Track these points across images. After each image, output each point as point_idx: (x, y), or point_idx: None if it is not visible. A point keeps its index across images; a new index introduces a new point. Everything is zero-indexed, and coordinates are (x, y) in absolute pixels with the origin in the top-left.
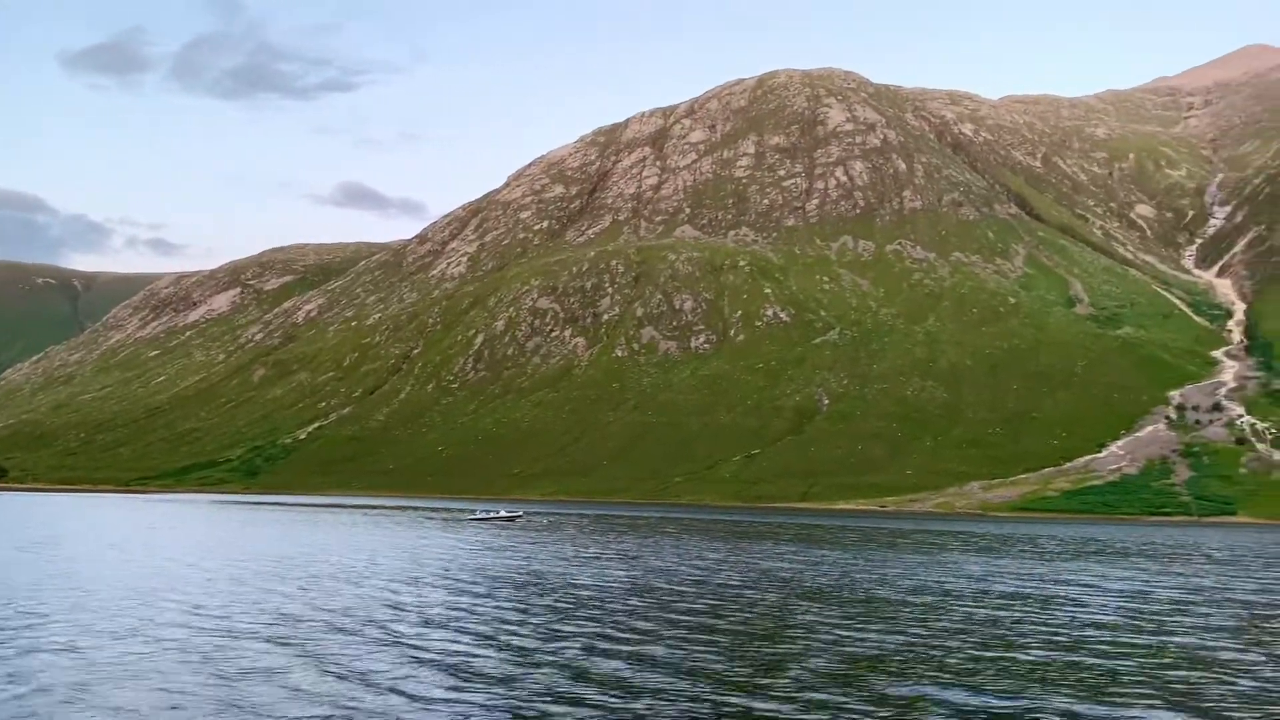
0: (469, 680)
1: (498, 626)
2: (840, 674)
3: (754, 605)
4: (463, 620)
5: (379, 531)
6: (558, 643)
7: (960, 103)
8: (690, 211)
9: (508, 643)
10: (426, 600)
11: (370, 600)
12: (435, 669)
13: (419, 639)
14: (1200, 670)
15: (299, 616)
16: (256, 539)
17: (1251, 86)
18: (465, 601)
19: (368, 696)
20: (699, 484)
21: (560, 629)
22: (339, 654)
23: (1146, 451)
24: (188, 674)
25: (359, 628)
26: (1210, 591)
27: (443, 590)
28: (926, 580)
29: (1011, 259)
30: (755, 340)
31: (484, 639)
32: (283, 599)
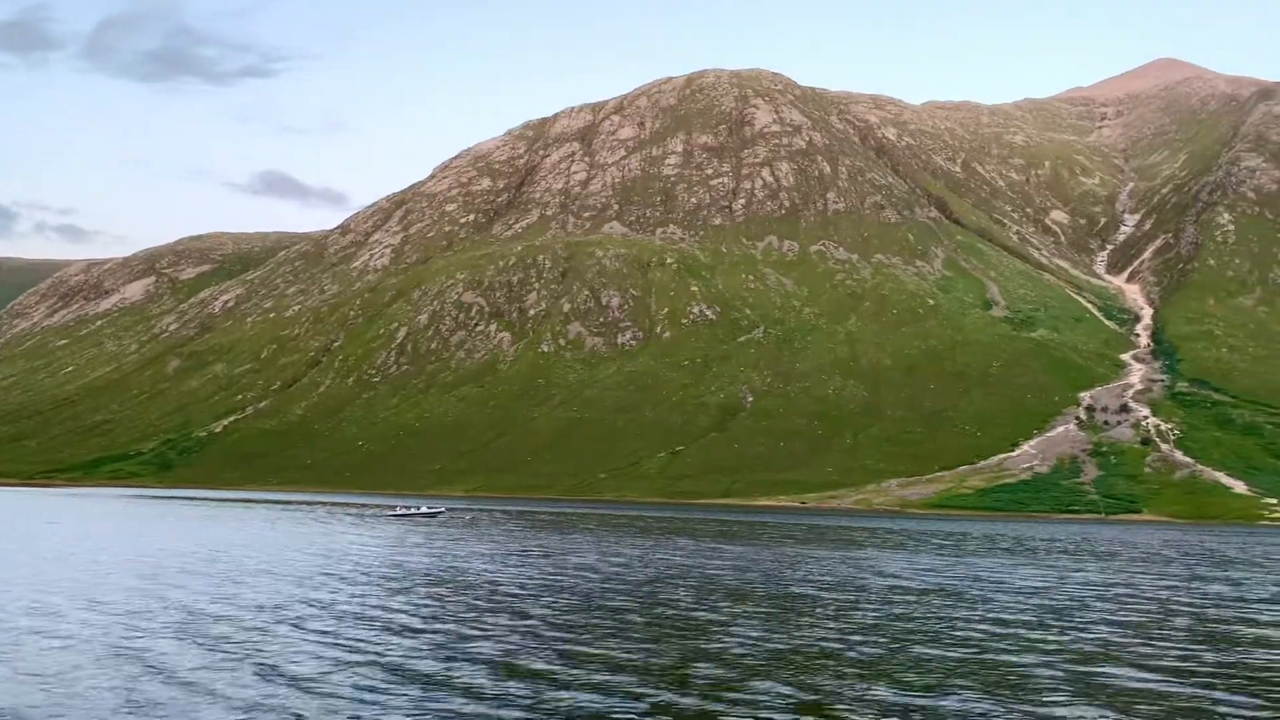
0: (375, 678)
1: (408, 624)
2: (743, 673)
3: (667, 603)
4: (373, 617)
5: (295, 527)
6: (467, 641)
7: (884, 107)
8: (619, 208)
9: (417, 640)
10: (338, 597)
11: (281, 597)
12: (344, 667)
13: (329, 637)
14: (1100, 665)
15: (206, 614)
16: (167, 534)
17: (1161, 99)
18: (378, 598)
19: (273, 695)
20: (624, 480)
21: (471, 626)
22: (248, 653)
23: (1057, 451)
24: (85, 675)
25: (268, 625)
26: (1115, 587)
27: (356, 587)
28: (840, 577)
29: (931, 261)
30: (681, 337)
31: (394, 636)
32: (188, 596)
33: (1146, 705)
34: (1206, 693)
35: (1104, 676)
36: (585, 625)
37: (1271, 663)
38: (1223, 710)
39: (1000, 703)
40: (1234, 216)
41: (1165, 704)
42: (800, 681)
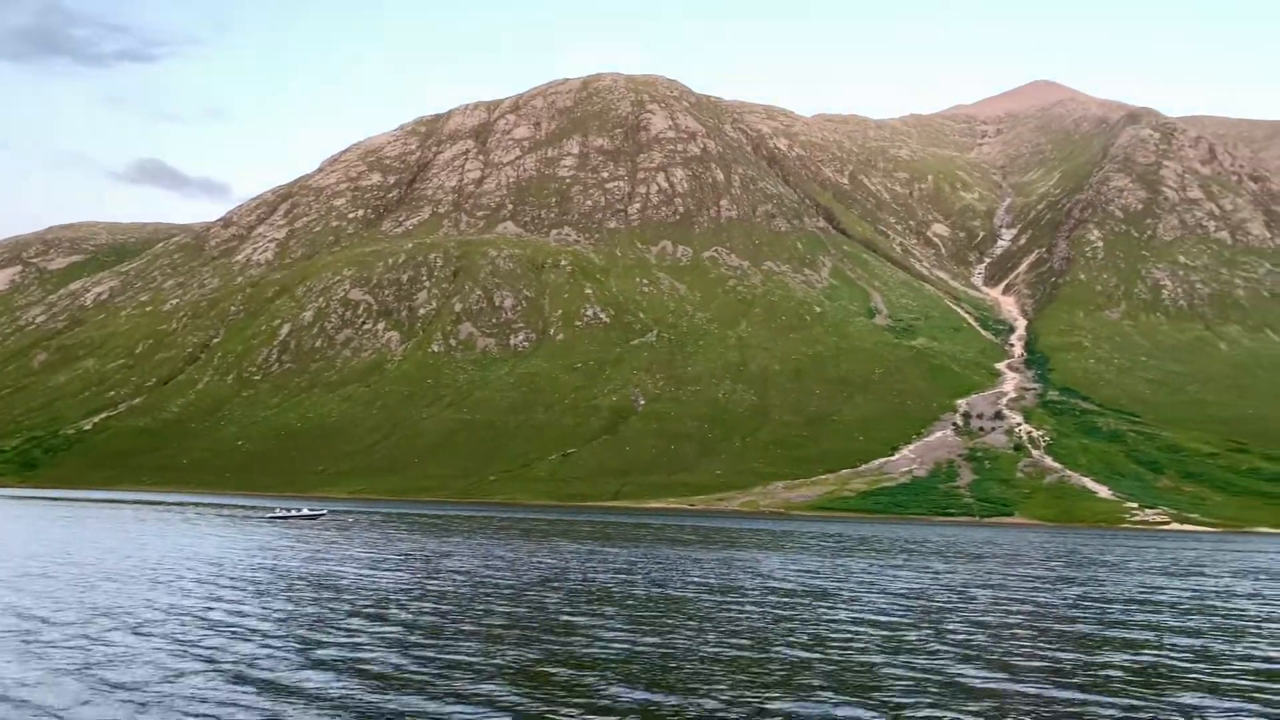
0: (210, 685)
1: (258, 628)
2: (597, 676)
3: (536, 606)
4: (221, 622)
5: (160, 529)
6: (317, 646)
7: (776, 118)
8: (513, 208)
9: (261, 645)
10: (188, 602)
11: (126, 602)
12: (208, 675)
13: (169, 643)
14: (957, 665)
15: (60, 621)
16: (18, 536)
17: (1037, 119)
18: (232, 603)
19: (128, 704)
20: (514, 483)
21: (325, 630)
22: (76, 662)
23: (935, 455)
24: None
25: (104, 632)
26: (981, 588)
27: (210, 591)
28: (716, 578)
29: (818, 270)
30: (575, 339)
31: (239, 641)
32: (26, 600)
33: (998, 705)
34: (1061, 693)
35: (960, 676)
36: (447, 630)
37: (1128, 663)
38: (1077, 709)
39: (855, 703)
40: (1103, 233)
41: (1020, 703)
42: (657, 684)
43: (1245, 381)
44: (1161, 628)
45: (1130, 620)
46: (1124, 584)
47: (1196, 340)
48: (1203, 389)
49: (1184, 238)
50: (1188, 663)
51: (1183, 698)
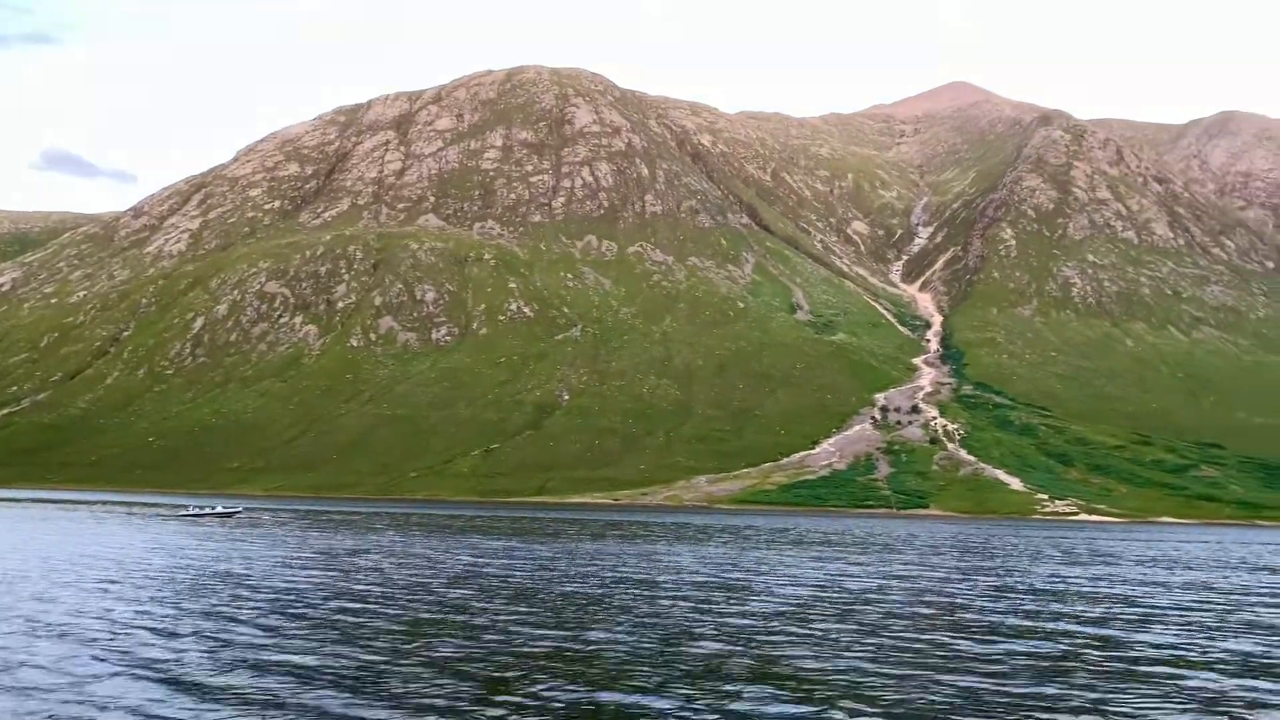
0: (135, 685)
1: (177, 629)
2: (497, 674)
3: (448, 603)
4: (139, 624)
5: (71, 528)
6: (237, 647)
7: (700, 114)
8: (435, 200)
9: (183, 646)
10: (107, 602)
11: (41, 604)
12: (106, 678)
13: (91, 645)
14: (866, 655)
15: None
16: None
17: (954, 120)
18: (149, 603)
19: (19, 711)
20: (435, 479)
21: (243, 631)
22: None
23: (854, 449)
24: None
25: (24, 634)
26: (894, 580)
27: (130, 591)
28: (632, 573)
29: (741, 266)
30: (498, 334)
31: (161, 642)
32: None
33: (904, 694)
34: (966, 682)
35: (866, 666)
36: (353, 629)
37: (1034, 650)
38: (983, 698)
39: (764, 696)
40: (1015, 232)
41: (927, 693)
42: (568, 680)
43: (1149, 376)
44: (1068, 616)
45: (1038, 610)
46: (1033, 574)
47: (1104, 336)
48: (1109, 384)
49: (1093, 237)
50: (1093, 650)
51: (1087, 685)
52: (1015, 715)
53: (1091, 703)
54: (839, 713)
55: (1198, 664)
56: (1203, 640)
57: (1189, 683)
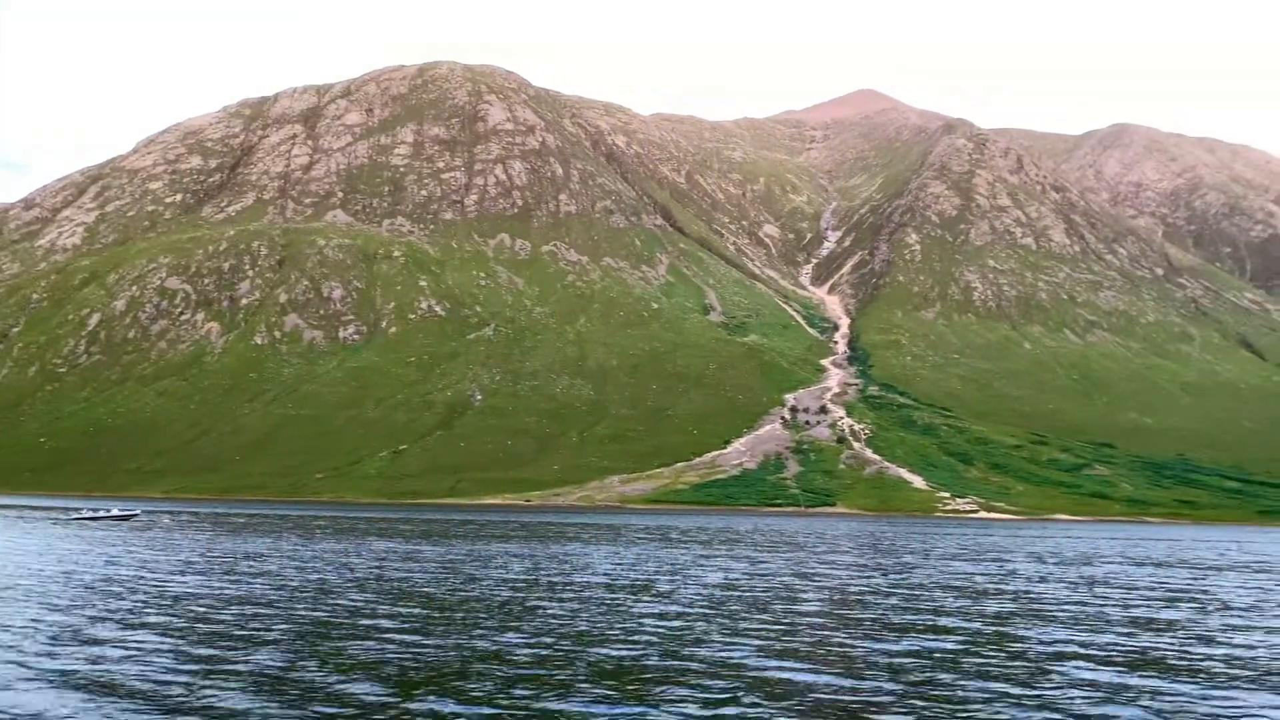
0: (27, 696)
1: (59, 636)
2: (393, 685)
3: (341, 608)
4: (29, 630)
5: None
6: (119, 654)
7: (615, 115)
8: (343, 196)
9: (72, 653)
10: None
11: None
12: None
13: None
14: (763, 653)
15: None
16: None
17: (861, 127)
18: (33, 610)
19: None
20: (342, 480)
21: (127, 638)
22: None
23: (764, 448)
24: None
25: None
26: (796, 577)
27: (18, 596)
28: (536, 575)
29: (656, 267)
30: (408, 333)
31: (50, 649)
32: None
33: (798, 694)
34: (862, 683)
35: (762, 665)
36: (243, 635)
37: (932, 648)
38: (879, 696)
39: (653, 698)
40: (920, 237)
41: (820, 692)
42: (453, 688)
43: (1046, 378)
44: (966, 612)
45: (938, 606)
46: (933, 570)
47: (1003, 339)
48: (1008, 385)
49: (993, 243)
50: (989, 646)
51: (980, 681)
52: (915, 711)
53: (986, 698)
54: (749, 711)
55: (1089, 657)
56: (1092, 634)
57: (1081, 675)
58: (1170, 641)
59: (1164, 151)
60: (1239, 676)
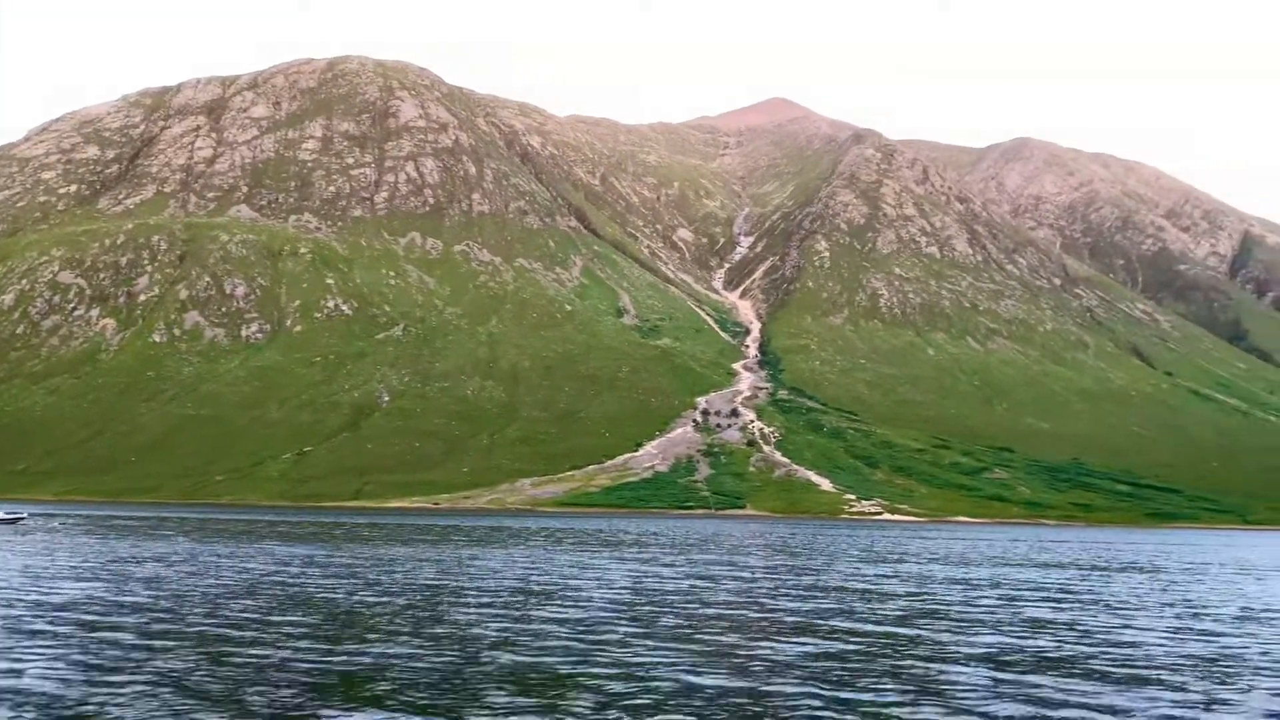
0: None
1: None
2: (275, 700)
3: (227, 617)
4: None
5: None
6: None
7: (530, 115)
8: (248, 190)
9: None
10: None
11: None
12: None
13: None
14: (658, 658)
15: None
16: None
17: (774, 134)
18: None
19: None
20: (243, 482)
21: (11, 650)
22: None
23: (676, 451)
24: None
25: None
26: (700, 580)
27: None
28: (434, 580)
29: (569, 269)
30: (314, 332)
31: None
32: None
33: (688, 699)
34: (751, 685)
35: (656, 669)
36: (121, 645)
37: (827, 650)
38: (768, 701)
39: (544, 707)
40: (829, 244)
41: (712, 696)
42: (350, 700)
43: (948, 384)
44: (865, 614)
45: (837, 608)
46: (834, 572)
47: (908, 345)
48: (912, 390)
49: (899, 251)
50: (887, 647)
51: (872, 684)
52: (812, 713)
53: (884, 700)
54: (652, 715)
55: (983, 658)
56: (988, 634)
57: (975, 675)
58: (1061, 640)
59: (1062, 166)
60: (1127, 675)
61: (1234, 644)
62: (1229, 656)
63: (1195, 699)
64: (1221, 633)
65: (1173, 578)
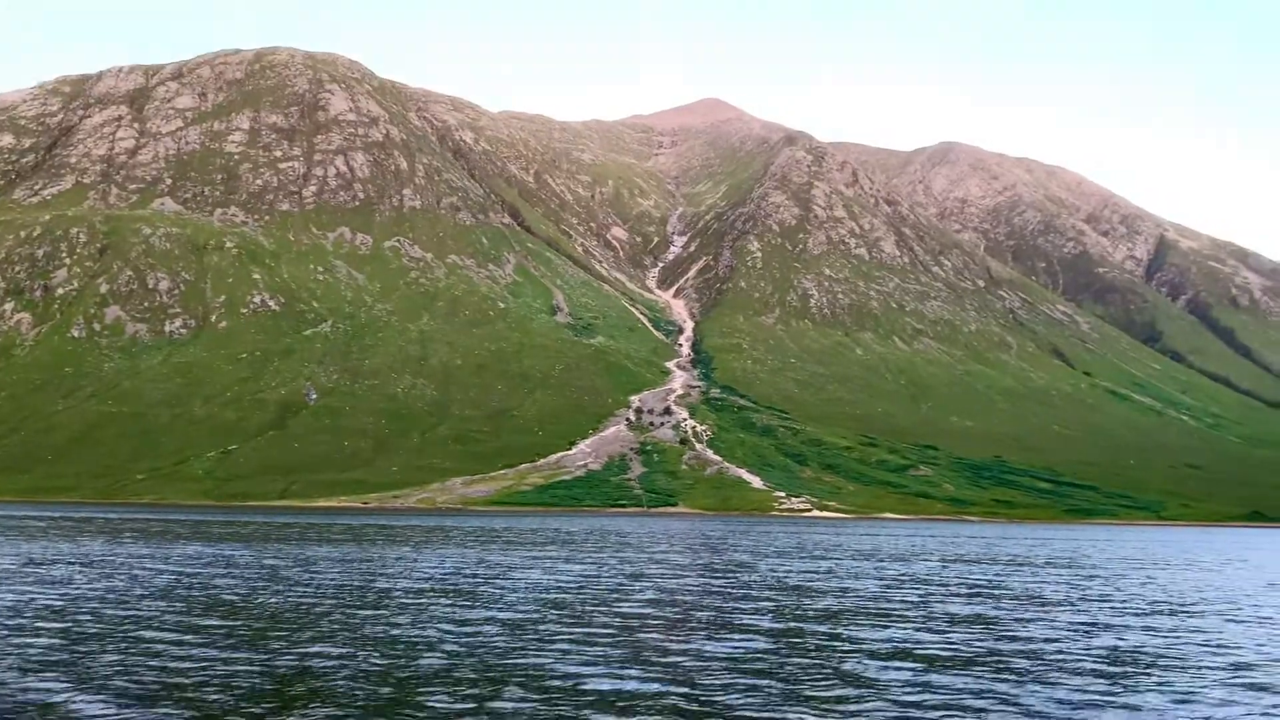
0: None
1: None
2: (168, 704)
3: (136, 619)
4: None
5: None
6: None
7: (462, 110)
8: (172, 183)
9: None
10: None
11: None
12: None
13: None
14: (580, 659)
15: None
16: None
17: (708, 135)
18: None
19: None
20: (165, 482)
21: None
22: None
23: (609, 449)
24: None
25: None
26: (628, 578)
27: None
28: (359, 581)
29: (503, 266)
30: (240, 328)
31: None
32: None
33: (601, 699)
34: (674, 688)
35: (579, 671)
36: (17, 651)
37: (745, 650)
38: (688, 701)
39: (490, 708)
40: (761, 245)
41: (627, 699)
42: (260, 708)
43: (875, 383)
44: (787, 611)
45: (761, 605)
46: (761, 569)
47: (837, 345)
48: (841, 389)
49: (829, 252)
50: (808, 644)
51: (793, 681)
52: (731, 711)
53: (804, 696)
54: (570, 716)
55: (905, 654)
56: (909, 630)
57: (894, 671)
58: (980, 636)
59: (987, 170)
60: (1030, 668)
61: (1138, 639)
62: (1133, 650)
63: (1094, 693)
64: (1127, 626)
65: (1089, 573)
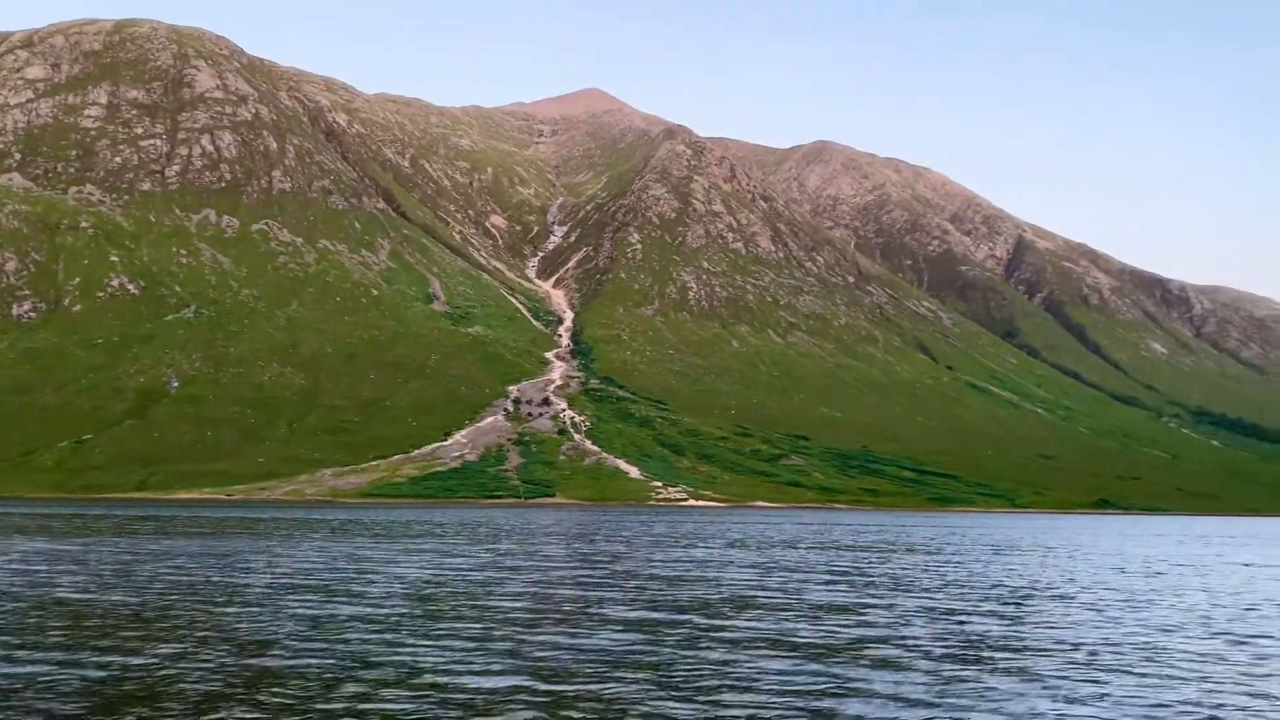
0: None
1: None
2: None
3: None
4: None
5: None
6: None
7: (336, 91)
8: (21, 158)
9: None
10: None
11: None
12: None
13: None
14: (444, 656)
15: None
16: None
17: (589, 125)
18: None
19: None
20: (12, 473)
21: None
22: None
23: (486, 440)
24: None
25: None
26: (496, 571)
27: None
28: (211, 576)
29: (377, 252)
30: (96, 312)
31: None
32: None
33: (468, 697)
34: (534, 684)
35: (443, 667)
36: None
37: (612, 640)
38: (589, 694)
39: (350, 708)
40: (641, 237)
41: (489, 696)
42: (94, 715)
43: (750, 374)
44: (659, 601)
45: (635, 597)
46: (633, 559)
47: (714, 337)
48: (717, 380)
49: (708, 246)
50: (676, 635)
51: (661, 672)
52: (600, 706)
53: (672, 691)
54: (440, 716)
55: (774, 642)
56: (774, 620)
57: (772, 665)
58: (846, 623)
59: (858, 169)
60: (880, 655)
61: (981, 625)
62: (977, 636)
63: (934, 680)
64: (973, 613)
65: (946, 558)
